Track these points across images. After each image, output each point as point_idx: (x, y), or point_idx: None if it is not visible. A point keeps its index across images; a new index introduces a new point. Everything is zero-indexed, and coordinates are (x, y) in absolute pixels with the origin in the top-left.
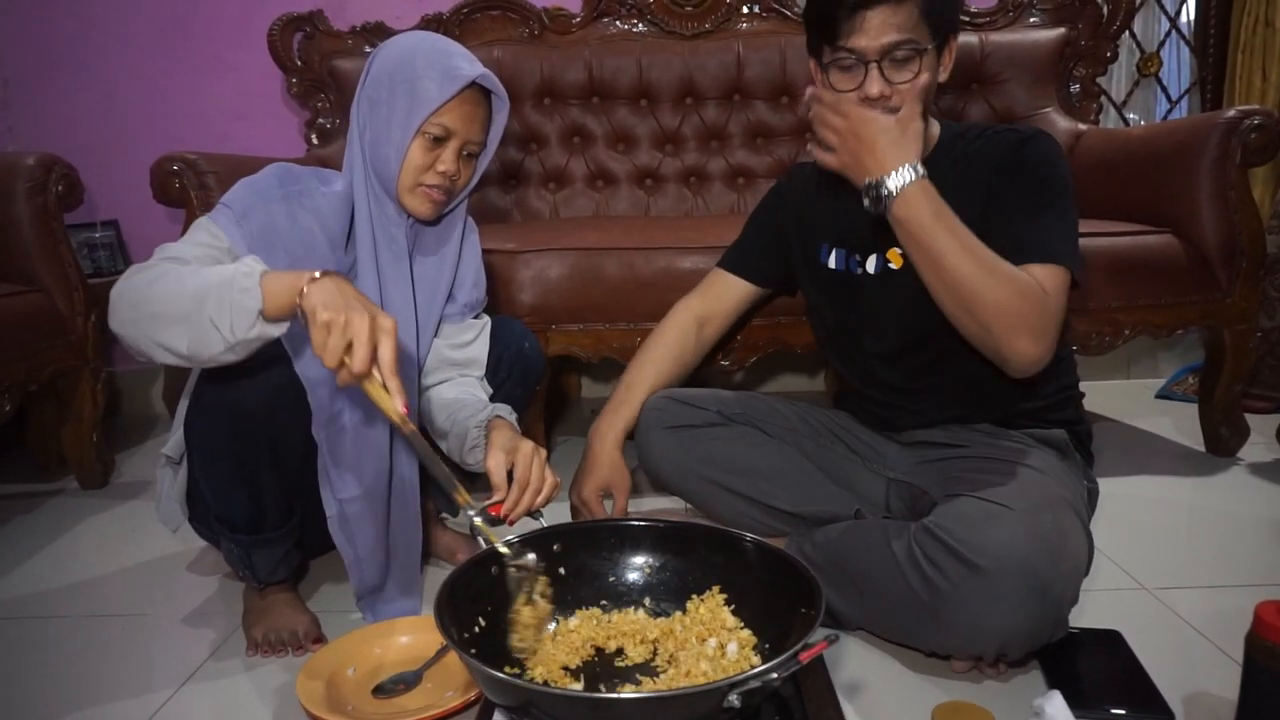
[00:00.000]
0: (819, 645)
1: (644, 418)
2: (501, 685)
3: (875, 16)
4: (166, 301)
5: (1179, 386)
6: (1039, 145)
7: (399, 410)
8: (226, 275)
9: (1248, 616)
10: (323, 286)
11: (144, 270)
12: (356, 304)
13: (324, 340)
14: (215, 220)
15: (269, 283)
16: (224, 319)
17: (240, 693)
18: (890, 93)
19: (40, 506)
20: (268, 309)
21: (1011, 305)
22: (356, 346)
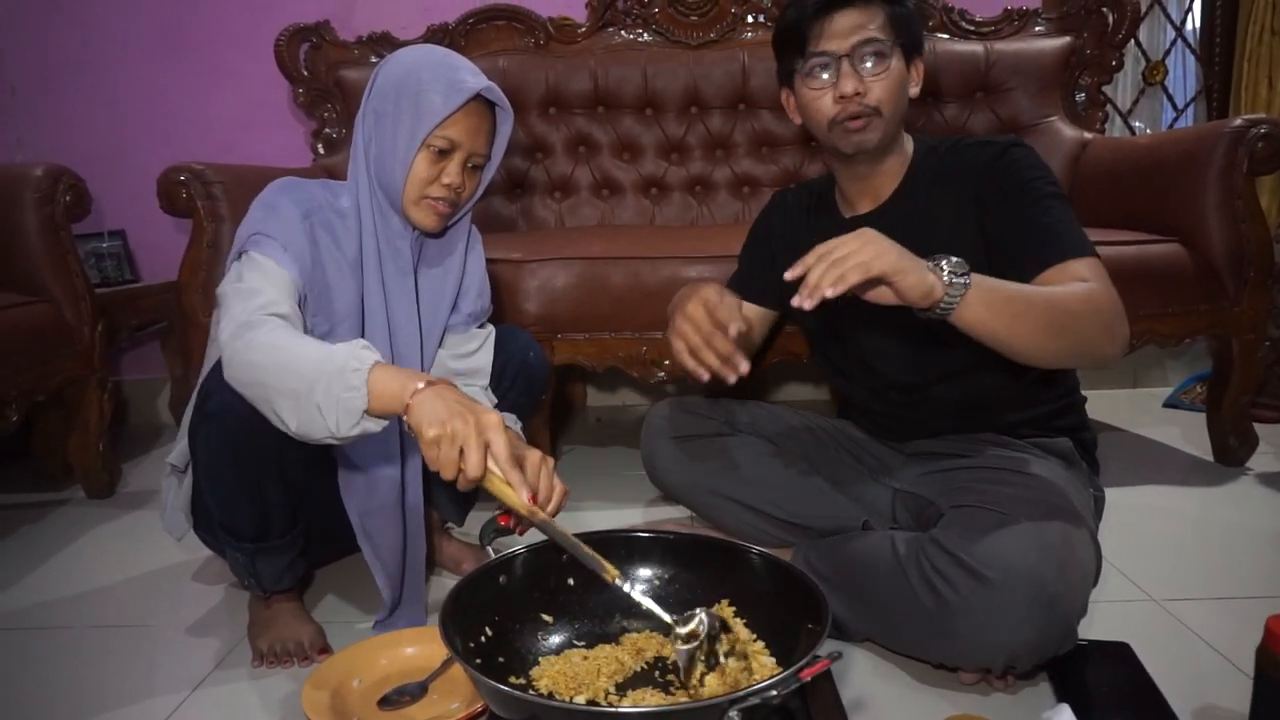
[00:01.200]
0: (821, 663)
1: (650, 428)
2: (505, 698)
3: (843, 18)
4: (279, 375)
5: (1187, 395)
6: (1022, 150)
7: (525, 504)
8: (337, 364)
9: (1258, 628)
10: (427, 400)
11: (251, 331)
12: (460, 411)
13: (436, 456)
14: (265, 253)
15: (375, 384)
16: (330, 411)
17: (246, 704)
18: (864, 89)
19: (46, 516)
20: (373, 409)
21: (1090, 311)
22: (468, 452)
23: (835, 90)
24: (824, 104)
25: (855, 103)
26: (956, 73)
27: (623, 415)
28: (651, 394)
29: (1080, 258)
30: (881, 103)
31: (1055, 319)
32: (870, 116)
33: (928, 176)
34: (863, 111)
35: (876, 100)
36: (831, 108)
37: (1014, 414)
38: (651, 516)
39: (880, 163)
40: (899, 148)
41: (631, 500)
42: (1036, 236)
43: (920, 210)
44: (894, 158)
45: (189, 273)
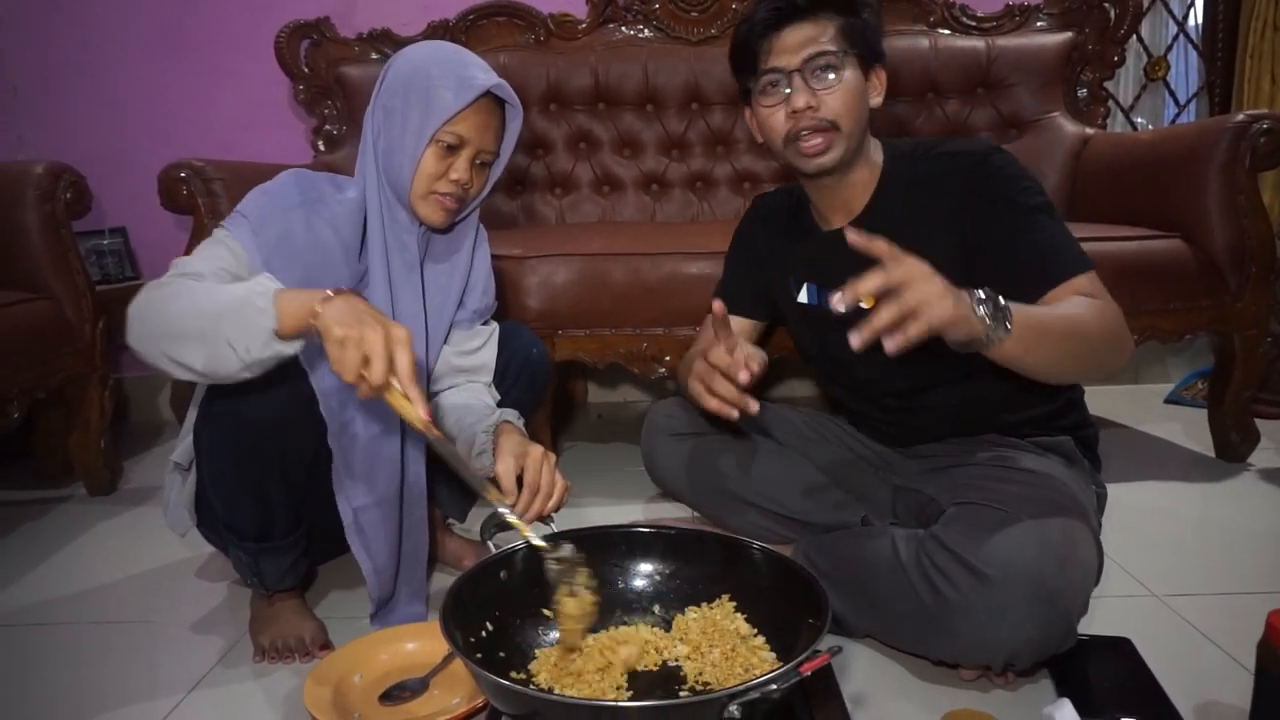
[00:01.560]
0: (821, 658)
1: (650, 425)
2: (506, 692)
3: (791, 34)
4: (182, 319)
5: (1188, 391)
6: (1000, 157)
7: (422, 417)
8: (241, 294)
9: (1259, 623)
10: (336, 305)
11: (160, 287)
12: (370, 319)
13: (340, 356)
14: (231, 231)
15: (283, 302)
16: (239, 338)
17: (247, 700)
18: (816, 103)
19: (48, 513)
20: (282, 328)
21: (1108, 331)
22: (373, 359)
23: (788, 106)
24: (777, 120)
25: (808, 117)
26: (958, 69)
27: (624, 411)
28: (652, 390)
29: (1082, 273)
30: (838, 116)
31: (1077, 346)
32: (827, 132)
33: (901, 187)
34: (818, 126)
35: (832, 114)
36: (784, 124)
37: (1013, 415)
38: (652, 513)
39: (846, 176)
40: (865, 159)
41: (632, 496)
42: (1036, 256)
43: (896, 222)
44: (861, 169)
45: None
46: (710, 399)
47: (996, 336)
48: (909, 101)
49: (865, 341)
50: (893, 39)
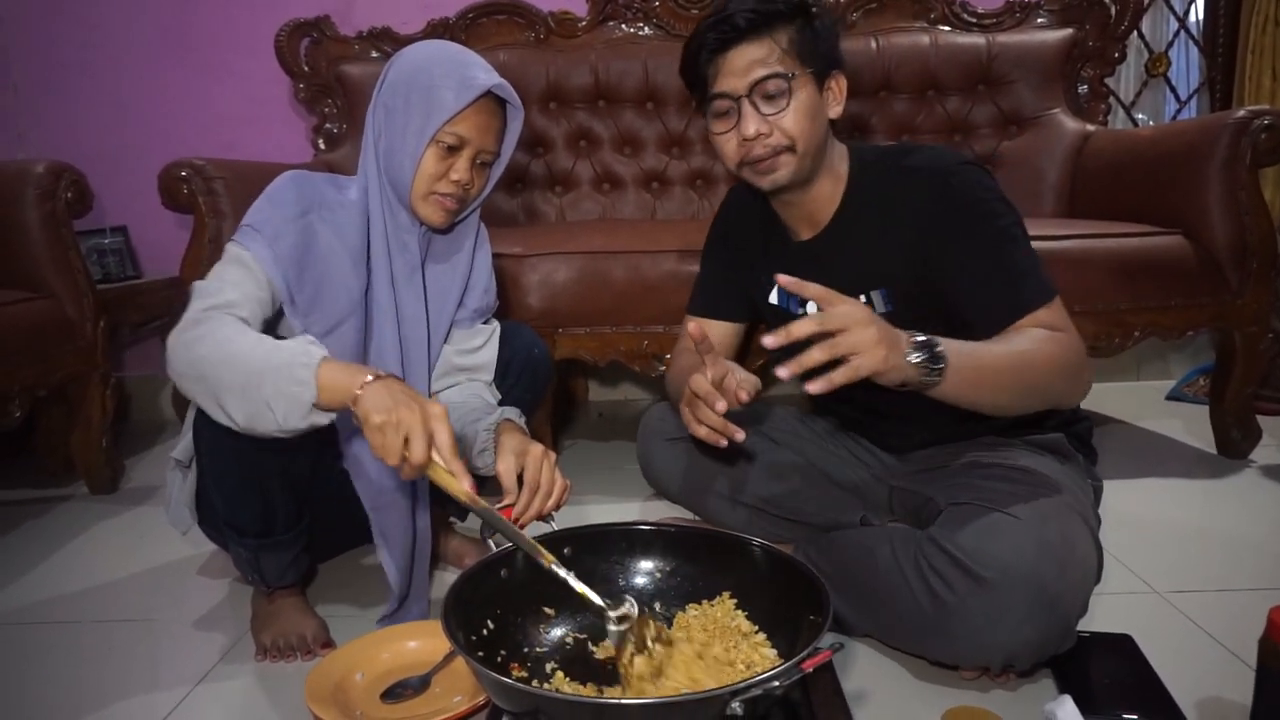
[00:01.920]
0: (823, 654)
1: (645, 429)
2: (508, 690)
3: (737, 56)
4: (226, 369)
5: (1189, 388)
6: (964, 180)
7: (466, 491)
8: (284, 358)
9: (1260, 620)
10: (375, 391)
11: (200, 325)
12: (405, 400)
13: (381, 442)
14: (247, 247)
15: (324, 378)
16: (279, 405)
17: (249, 697)
18: (768, 128)
19: (50, 512)
20: (320, 402)
21: (1059, 370)
22: (413, 440)
23: (738, 133)
24: (730, 146)
25: (760, 144)
26: (958, 66)
27: (624, 410)
28: (653, 388)
29: (1044, 304)
30: (791, 139)
31: (1025, 381)
32: (780, 154)
33: (866, 200)
34: (768, 152)
35: (785, 139)
36: (737, 150)
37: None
38: (652, 510)
39: (807, 191)
40: (828, 171)
41: (633, 495)
42: (1000, 286)
43: (860, 238)
44: (824, 182)
45: (191, 268)
46: (698, 427)
47: (930, 382)
48: (909, 99)
49: (792, 374)
50: (893, 36)
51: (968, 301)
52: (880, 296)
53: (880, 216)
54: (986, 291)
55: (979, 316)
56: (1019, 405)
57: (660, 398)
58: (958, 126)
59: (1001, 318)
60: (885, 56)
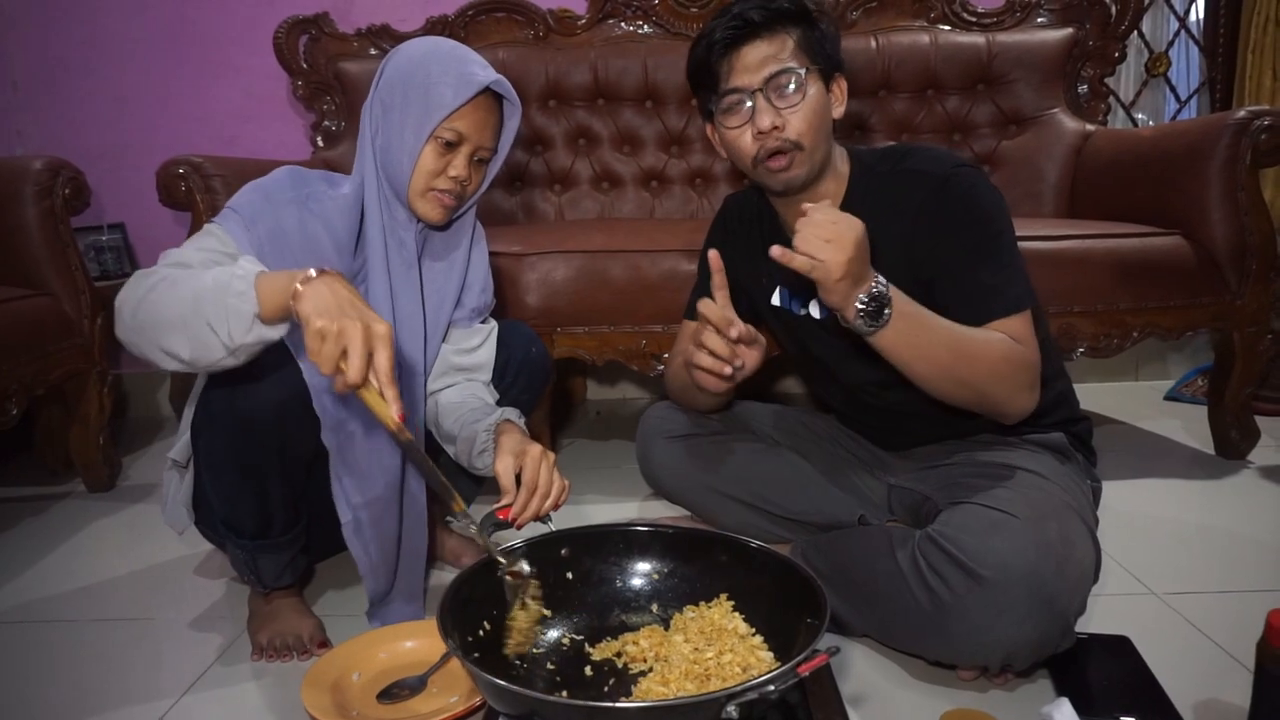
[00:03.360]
0: (819, 658)
1: (645, 427)
2: (503, 692)
3: (750, 52)
4: (165, 307)
5: (1188, 388)
6: (959, 184)
7: (395, 418)
8: (222, 279)
9: (1259, 622)
10: (315, 289)
11: (146, 276)
12: (351, 309)
13: (318, 348)
14: (223, 225)
15: (263, 285)
16: (221, 324)
17: (245, 698)
18: (781, 122)
19: (47, 510)
20: (264, 311)
21: (1001, 375)
22: (351, 355)
23: (753, 126)
24: (744, 142)
25: (774, 137)
26: (958, 65)
27: (623, 409)
28: (651, 387)
29: (1012, 314)
30: (801, 135)
31: (961, 369)
32: (792, 152)
33: (867, 202)
34: (783, 147)
35: (796, 133)
36: (751, 145)
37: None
38: (650, 510)
39: (811, 192)
40: (832, 171)
41: (631, 494)
42: (971, 293)
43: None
44: (828, 182)
45: None
46: (703, 357)
47: (862, 329)
48: (909, 97)
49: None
50: (892, 35)
51: (942, 301)
52: None
53: (879, 217)
54: (958, 295)
55: (949, 317)
56: (950, 391)
57: (659, 397)
58: (957, 126)
59: (969, 320)
60: (885, 55)
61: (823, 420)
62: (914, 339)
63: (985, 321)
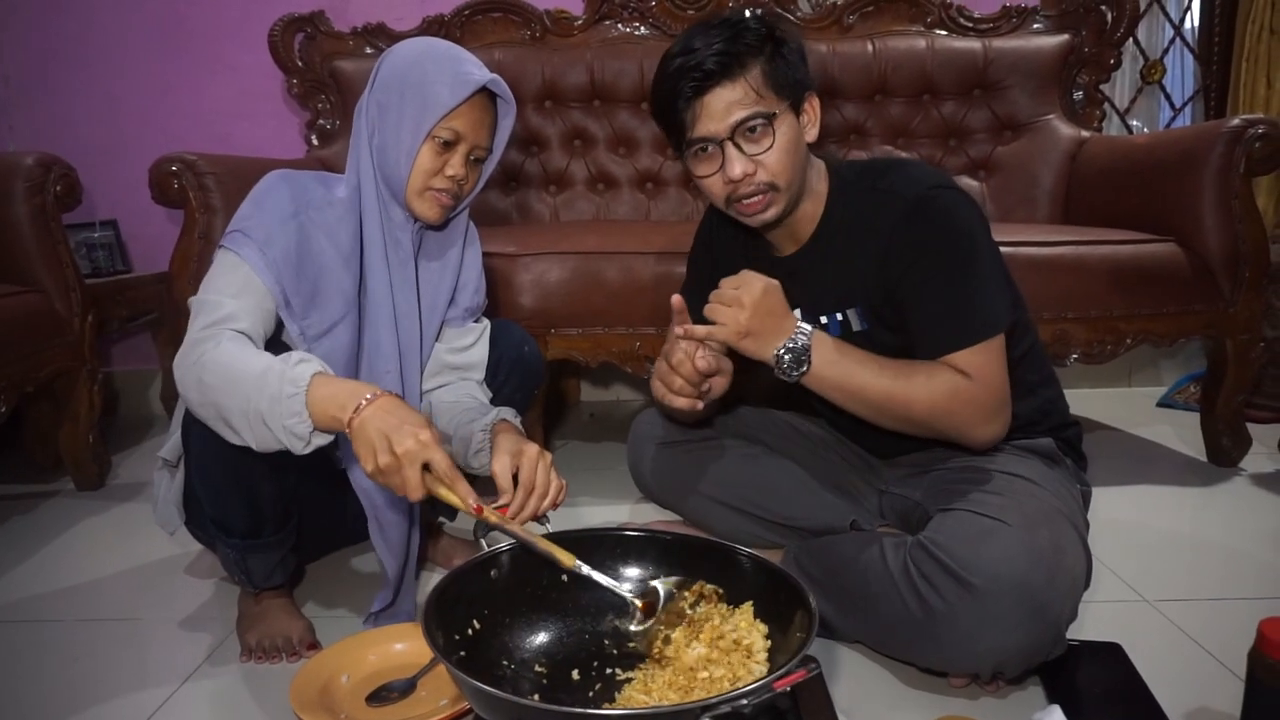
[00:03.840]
0: (796, 675)
1: (637, 433)
2: (485, 697)
3: (715, 99)
4: (229, 398)
5: (1181, 395)
6: (932, 206)
7: (473, 508)
8: (275, 389)
9: (1250, 630)
10: (365, 425)
11: (200, 345)
12: (396, 433)
13: (381, 482)
14: (240, 254)
15: (316, 407)
16: (280, 432)
17: (234, 699)
18: (753, 168)
19: (36, 508)
20: (317, 426)
21: (943, 413)
22: (407, 486)
23: (723, 175)
24: (716, 187)
25: (747, 183)
26: (954, 70)
27: (616, 411)
28: (645, 390)
29: (973, 344)
30: (776, 176)
31: (896, 413)
32: (768, 193)
33: (844, 219)
34: (758, 190)
35: (770, 176)
36: (723, 189)
37: None
38: (643, 512)
39: (791, 217)
40: (809, 192)
41: (624, 495)
42: (935, 323)
43: (836, 255)
44: (807, 203)
45: (180, 264)
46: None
47: (787, 378)
48: (905, 102)
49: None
50: (889, 39)
51: (911, 327)
52: (855, 314)
53: (855, 236)
54: (922, 323)
55: (915, 344)
56: (894, 427)
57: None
58: (953, 131)
59: (927, 351)
60: (881, 60)
61: (814, 425)
62: (841, 385)
63: (938, 354)
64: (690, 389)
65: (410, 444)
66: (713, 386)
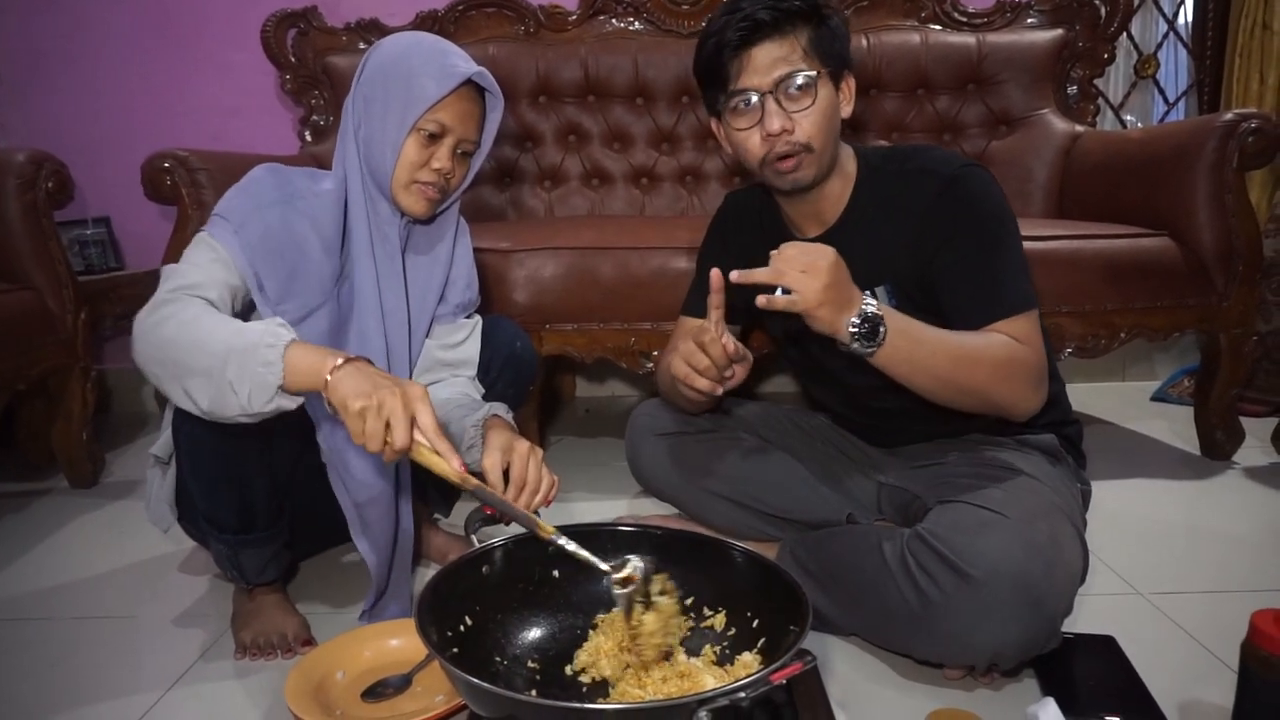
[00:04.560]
0: (793, 667)
1: (635, 425)
2: (476, 691)
3: (761, 53)
4: (190, 352)
5: (1175, 389)
6: (967, 184)
7: (457, 470)
8: (251, 340)
9: (1243, 622)
10: (347, 374)
11: (165, 306)
12: (385, 383)
13: (361, 428)
14: (213, 234)
15: (292, 360)
16: (243, 387)
17: (228, 696)
18: (791, 125)
19: (29, 505)
20: (288, 384)
21: (1003, 377)
22: (394, 424)
23: (762, 128)
24: (752, 143)
25: (783, 140)
26: (949, 65)
27: (611, 406)
28: (641, 385)
29: (1018, 314)
30: (811, 138)
31: (963, 377)
32: (801, 154)
33: (872, 201)
34: (793, 149)
35: (806, 136)
36: (760, 146)
37: (996, 419)
38: (638, 508)
39: (820, 190)
40: (838, 171)
41: (619, 492)
42: (979, 292)
43: (866, 237)
44: (834, 182)
45: (174, 260)
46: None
47: (861, 351)
48: (899, 97)
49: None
50: (883, 34)
51: (948, 300)
52: (884, 291)
53: (886, 214)
54: (964, 294)
55: (955, 316)
56: (954, 398)
57: (648, 395)
58: (947, 125)
59: (976, 320)
60: (876, 55)
61: (812, 418)
62: (912, 353)
63: (990, 322)
64: (715, 371)
65: (399, 388)
66: (735, 373)
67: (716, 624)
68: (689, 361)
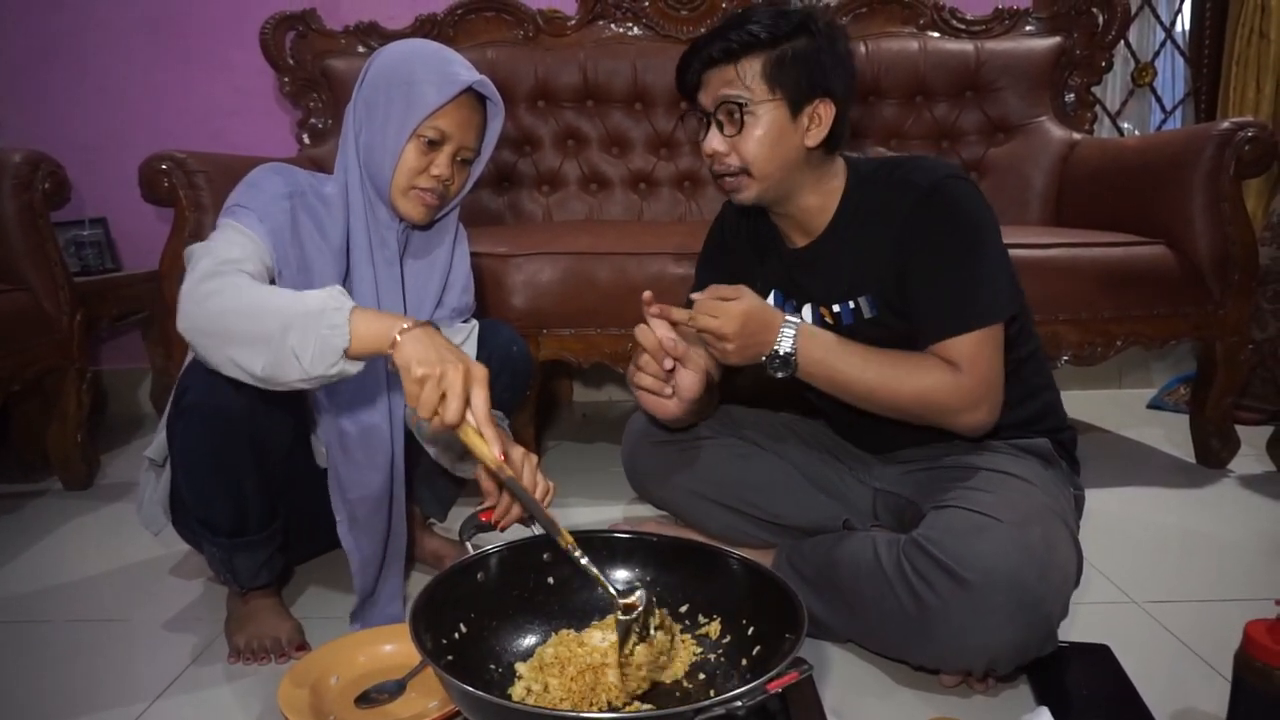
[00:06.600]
0: (789, 676)
1: (631, 431)
2: (472, 699)
3: (715, 74)
4: (247, 320)
5: (1170, 396)
6: (942, 194)
7: (496, 457)
8: (315, 305)
9: (1237, 631)
10: (415, 338)
11: (216, 278)
12: (450, 355)
13: (418, 392)
14: (240, 220)
15: (358, 324)
16: (306, 351)
17: (221, 701)
18: (726, 149)
19: (23, 507)
20: (353, 349)
21: (928, 403)
22: (450, 398)
23: (702, 147)
24: (704, 155)
25: (719, 161)
26: (946, 71)
27: (608, 411)
28: None
29: (971, 331)
30: (750, 163)
31: (882, 403)
32: (739, 176)
33: (860, 211)
34: (729, 170)
35: (741, 161)
36: (708, 160)
37: None
38: (634, 513)
39: (788, 207)
40: (811, 189)
41: (616, 497)
42: (934, 307)
43: (849, 246)
44: (808, 198)
45: (170, 262)
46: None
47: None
48: (897, 104)
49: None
50: (882, 41)
51: (914, 313)
52: (866, 301)
53: (869, 225)
54: (923, 308)
55: (917, 330)
56: (882, 413)
57: None
58: (945, 132)
59: (926, 337)
60: (874, 62)
61: (808, 424)
62: (831, 380)
63: (938, 339)
64: (657, 368)
65: (464, 364)
66: (680, 382)
67: (712, 631)
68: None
